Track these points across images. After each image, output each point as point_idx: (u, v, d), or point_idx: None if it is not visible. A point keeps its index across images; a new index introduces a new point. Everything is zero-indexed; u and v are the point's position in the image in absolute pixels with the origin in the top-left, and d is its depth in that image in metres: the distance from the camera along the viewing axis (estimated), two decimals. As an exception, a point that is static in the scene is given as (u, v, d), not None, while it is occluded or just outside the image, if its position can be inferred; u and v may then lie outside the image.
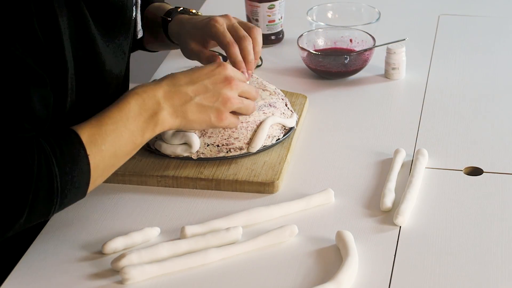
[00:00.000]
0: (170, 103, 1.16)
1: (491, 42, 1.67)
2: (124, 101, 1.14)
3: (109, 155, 1.11)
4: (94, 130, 1.10)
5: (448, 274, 1.09)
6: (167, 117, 1.15)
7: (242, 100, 1.21)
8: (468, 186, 1.25)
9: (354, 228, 1.16)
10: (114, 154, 1.12)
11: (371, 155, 1.32)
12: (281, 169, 1.26)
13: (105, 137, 1.10)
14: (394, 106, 1.47)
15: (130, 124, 1.13)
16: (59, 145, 1.07)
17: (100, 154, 1.10)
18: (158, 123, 1.15)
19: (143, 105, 1.14)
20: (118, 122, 1.12)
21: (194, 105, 1.17)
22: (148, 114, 1.14)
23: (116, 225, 1.18)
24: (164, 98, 1.15)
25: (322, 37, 1.59)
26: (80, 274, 1.10)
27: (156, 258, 1.10)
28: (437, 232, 1.16)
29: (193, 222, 1.18)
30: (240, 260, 1.11)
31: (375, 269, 1.09)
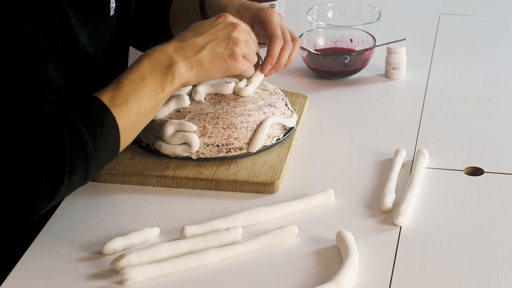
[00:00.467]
0: (183, 56, 1.18)
1: (492, 42, 1.66)
2: (137, 63, 1.16)
3: (134, 113, 1.13)
4: (115, 92, 1.13)
5: (448, 275, 1.08)
6: (183, 69, 1.17)
7: (246, 38, 1.23)
8: (469, 186, 1.25)
9: (354, 228, 1.15)
10: (138, 112, 1.14)
11: (372, 155, 1.32)
12: (281, 169, 1.26)
13: (126, 97, 1.13)
14: (395, 106, 1.47)
15: (148, 81, 1.15)
16: (85, 111, 1.10)
17: (126, 114, 1.12)
18: (175, 76, 1.17)
19: (156, 61, 1.16)
20: (136, 82, 1.14)
21: (207, 53, 1.19)
22: (162, 69, 1.16)
23: (115, 226, 1.18)
24: (175, 52, 1.17)
25: (322, 37, 1.59)
26: (79, 275, 1.10)
27: (155, 258, 1.10)
28: (438, 232, 1.16)
29: (193, 222, 1.18)
30: (240, 261, 1.11)
31: (376, 270, 1.09)
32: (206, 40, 1.20)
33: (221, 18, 1.23)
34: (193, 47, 1.19)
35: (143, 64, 1.16)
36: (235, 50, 1.21)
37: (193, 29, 1.22)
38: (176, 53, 1.18)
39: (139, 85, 1.14)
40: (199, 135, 1.27)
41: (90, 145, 1.08)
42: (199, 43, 1.19)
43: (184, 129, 1.26)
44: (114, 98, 1.12)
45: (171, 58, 1.17)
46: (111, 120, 1.11)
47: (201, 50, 1.19)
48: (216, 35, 1.21)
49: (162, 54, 1.17)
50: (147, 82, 1.15)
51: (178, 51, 1.18)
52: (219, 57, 1.20)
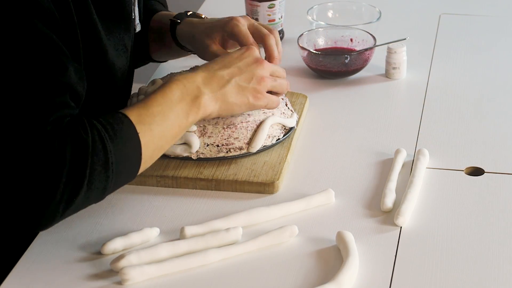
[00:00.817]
0: (210, 88, 1.18)
1: (492, 42, 1.66)
2: (167, 87, 1.17)
3: (158, 135, 1.14)
4: (141, 111, 1.13)
5: (449, 275, 1.08)
6: (208, 101, 1.18)
7: (275, 78, 1.25)
8: (469, 187, 1.25)
9: (354, 229, 1.15)
10: (163, 135, 1.14)
11: (372, 155, 1.32)
12: (281, 169, 1.26)
13: (152, 118, 1.13)
14: (395, 106, 1.47)
15: (175, 107, 1.15)
16: (109, 123, 1.10)
17: (150, 133, 1.12)
18: (200, 107, 1.17)
19: (185, 90, 1.17)
20: (163, 105, 1.14)
21: (231, 87, 1.20)
22: (190, 98, 1.17)
23: (115, 226, 1.17)
24: (203, 83, 1.18)
25: (323, 37, 1.59)
26: (79, 275, 1.09)
27: (155, 258, 1.10)
28: (438, 232, 1.15)
29: (192, 222, 1.18)
30: (240, 261, 1.11)
31: (376, 270, 1.09)
32: (232, 75, 1.21)
33: (247, 52, 1.23)
34: (219, 80, 1.20)
35: (172, 89, 1.16)
36: (257, 88, 1.22)
37: (219, 61, 1.22)
38: (204, 84, 1.18)
39: (166, 109, 1.14)
40: (198, 135, 1.26)
41: (113, 155, 1.08)
42: (225, 76, 1.20)
43: (184, 128, 1.26)
44: (140, 116, 1.12)
45: (199, 88, 1.18)
46: (135, 135, 1.11)
47: (226, 84, 1.20)
48: (241, 70, 1.21)
49: (191, 83, 1.18)
50: (174, 107, 1.15)
51: (205, 83, 1.19)
52: (242, 93, 1.21)
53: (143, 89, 1.34)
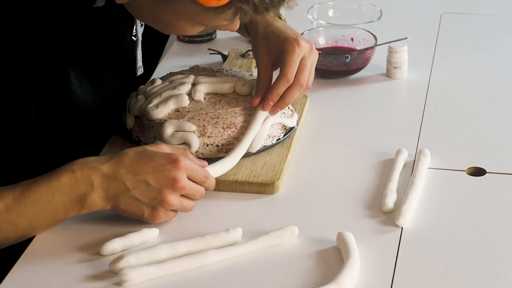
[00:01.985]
0: (104, 189, 1.11)
1: (494, 41, 1.66)
2: (56, 176, 1.10)
3: (24, 228, 1.10)
4: (11, 204, 1.08)
5: (450, 276, 1.08)
6: (98, 200, 1.11)
7: (181, 202, 1.14)
8: (471, 187, 1.24)
9: (355, 229, 1.15)
10: (30, 227, 1.10)
11: (373, 155, 1.31)
12: (281, 170, 1.25)
13: (22, 212, 1.08)
14: (396, 105, 1.46)
15: (56, 202, 1.10)
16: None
17: (12, 228, 1.09)
18: (86, 205, 1.11)
19: (75, 185, 1.10)
20: (42, 198, 1.09)
21: (128, 197, 1.12)
22: (77, 195, 1.10)
23: (114, 226, 1.17)
24: (99, 182, 1.11)
25: (323, 36, 1.58)
26: (78, 276, 1.09)
27: (154, 259, 1.10)
28: (439, 233, 1.15)
29: (192, 223, 1.17)
30: (239, 262, 1.11)
31: (377, 271, 1.09)
32: (134, 186, 1.11)
33: (170, 166, 1.11)
34: (118, 187, 1.11)
35: (61, 181, 1.09)
36: (157, 208, 1.12)
37: (136, 161, 1.12)
38: (99, 183, 1.10)
39: (43, 201, 1.09)
40: (198, 135, 1.26)
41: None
42: (126, 184, 1.11)
43: (183, 129, 1.25)
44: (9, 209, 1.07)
45: (91, 187, 1.10)
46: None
47: (124, 193, 1.11)
48: (148, 185, 1.11)
49: (85, 179, 1.10)
50: (54, 202, 1.09)
51: (101, 183, 1.10)
52: (137, 206, 1.12)
53: (142, 89, 1.33)
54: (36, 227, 1.11)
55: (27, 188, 1.09)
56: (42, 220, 1.11)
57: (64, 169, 1.11)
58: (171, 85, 1.31)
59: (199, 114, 1.27)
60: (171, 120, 1.26)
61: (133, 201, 1.12)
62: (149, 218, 1.13)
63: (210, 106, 1.29)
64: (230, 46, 1.63)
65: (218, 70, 1.38)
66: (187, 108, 1.28)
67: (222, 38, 1.69)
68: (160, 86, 1.32)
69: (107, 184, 1.11)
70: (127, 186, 1.11)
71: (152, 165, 1.12)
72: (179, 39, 1.69)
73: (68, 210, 1.11)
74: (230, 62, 1.56)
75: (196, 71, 1.38)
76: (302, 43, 1.26)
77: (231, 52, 1.58)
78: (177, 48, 1.66)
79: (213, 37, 1.68)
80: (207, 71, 1.38)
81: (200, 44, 1.67)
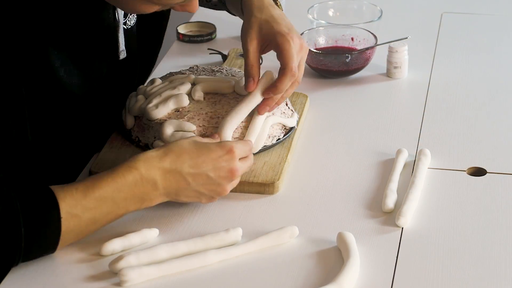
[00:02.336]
0: (166, 186, 1.13)
1: (494, 40, 1.66)
2: (121, 173, 1.11)
3: (86, 222, 1.10)
4: (77, 196, 1.08)
5: (450, 276, 1.07)
6: (158, 196, 1.13)
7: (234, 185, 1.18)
8: (471, 187, 1.24)
9: (355, 230, 1.15)
10: (92, 222, 1.10)
11: (373, 155, 1.31)
12: (282, 170, 1.25)
13: (86, 206, 1.09)
14: (396, 105, 1.46)
15: (119, 199, 1.11)
16: (31, 203, 1.06)
17: (76, 220, 1.08)
18: (146, 201, 1.13)
19: (139, 183, 1.11)
20: (106, 193, 1.10)
21: (189, 190, 1.14)
22: (140, 193, 1.12)
23: (114, 227, 1.17)
24: (162, 179, 1.12)
25: (323, 36, 1.58)
26: (77, 276, 1.09)
27: (154, 259, 1.09)
28: (440, 233, 1.15)
29: (191, 223, 1.17)
30: (239, 262, 1.10)
31: (377, 271, 1.08)
32: (196, 180, 1.13)
33: (227, 156, 1.15)
34: (181, 182, 1.13)
35: (126, 179, 1.10)
36: (215, 197, 1.16)
37: (195, 155, 1.14)
38: (162, 181, 1.12)
39: (107, 197, 1.10)
40: (198, 135, 1.25)
41: (23, 239, 1.04)
42: (188, 179, 1.13)
43: (183, 128, 1.25)
44: (73, 200, 1.08)
45: (154, 186, 1.12)
46: (55, 222, 1.07)
47: (186, 187, 1.14)
48: (208, 178, 1.14)
49: (149, 178, 1.11)
50: (117, 198, 1.10)
51: (164, 180, 1.12)
52: (197, 197, 1.15)
53: (142, 88, 1.33)
54: (97, 222, 1.11)
55: (91, 184, 1.10)
56: (104, 216, 1.11)
57: (128, 166, 1.12)
58: (171, 85, 1.31)
59: (199, 114, 1.27)
60: (171, 120, 1.26)
61: (193, 193, 1.15)
62: (206, 202, 1.18)
63: (210, 106, 1.28)
64: (230, 46, 1.63)
65: (218, 70, 1.38)
66: (187, 108, 1.28)
67: (222, 38, 1.68)
68: (160, 86, 1.32)
69: (169, 182, 1.13)
70: (188, 181, 1.14)
71: (211, 157, 1.14)
72: (179, 39, 1.69)
73: (128, 206, 1.12)
74: (230, 62, 1.55)
75: (196, 71, 1.38)
76: (295, 39, 1.26)
77: (231, 52, 1.58)
78: (177, 48, 1.66)
79: (213, 37, 1.68)
80: (207, 71, 1.37)
81: (200, 44, 1.67)
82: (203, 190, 1.15)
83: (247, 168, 1.19)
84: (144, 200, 1.13)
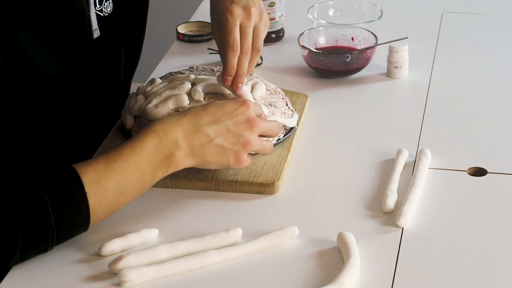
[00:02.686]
0: (189, 144, 1.13)
1: (495, 40, 1.65)
2: (139, 138, 1.11)
3: (114, 193, 1.09)
4: (99, 167, 1.08)
5: (451, 277, 1.07)
6: (183, 157, 1.13)
7: (261, 141, 1.18)
8: (472, 187, 1.24)
9: (355, 230, 1.14)
10: (120, 193, 1.10)
11: (373, 155, 1.31)
12: (282, 170, 1.25)
13: (110, 176, 1.08)
14: (397, 105, 1.46)
15: (142, 164, 1.10)
16: (54, 182, 1.06)
17: (102, 192, 1.08)
18: (172, 163, 1.12)
19: (159, 145, 1.11)
20: (128, 160, 1.10)
21: (213, 146, 1.14)
22: (162, 155, 1.12)
23: (113, 227, 1.17)
24: (183, 138, 1.13)
25: (323, 35, 1.58)
26: (77, 277, 1.09)
27: (154, 260, 1.09)
28: (440, 233, 1.14)
29: (192, 223, 1.17)
30: (239, 262, 1.10)
31: (377, 271, 1.08)
32: (217, 133, 1.14)
33: (241, 109, 1.16)
34: (203, 137, 1.13)
35: (145, 143, 1.10)
36: (241, 151, 1.15)
37: (211, 112, 1.15)
38: (184, 138, 1.12)
39: (130, 164, 1.09)
40: (198, 135, 1.25)
41: (52, 218, 1.04)
42: (209, 134, 1.14)
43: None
44: (96, 173, 1.08)
45: (176, 144, 1.12)
46: (80, 196, 1.06)
47: (209, 142, 1.14)
48: (229, 130, 1.14)
49: (169, 138, 1.11)
50: (141, 164, 1.10)
51: (186, 138, 1.13)
52: (223, 154, 1.15)
53: (142, 88, 1.33)
54: (126, 192, 1.10)
55: (112, 153, 1.10)
56: (131, 184, 1.10)
57: (146, 131, 1.12)
58: (171, 85, 1.31)
59: (198, 114, 1.26)
60: (171, 120, 1.25)
61: (218, 149, 1.14)
62: (234, 164, 1.16)
63: (210, 106, 1.28)
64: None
65: (218, 70, 1.37)
66: (186, 108, 1.28)
67: (222, 37, 1.68)
68: (160, 86, 1.32)
69: (191, 138, 1.13)
70: (210, 136, 1.14)
71: (226, 111, 1.15)
72: (179, 39, 1.68)
73: (155, 171, 1.11)
74: (230, 61, 1.55)
75: (195, 71, 1.37)
76: (235, 10, 1.25)
77: (231, 52, 1.58)
78: (177, 47, 1.66)
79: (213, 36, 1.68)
80: (206, 71, 1.37)
81: (200, 43, 1.66)
82: (226, 144, 1.14)
83: (268, 125, 1.19)
84: (170, 162, 1.12)
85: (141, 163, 1.10)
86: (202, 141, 1.14)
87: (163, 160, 1.12)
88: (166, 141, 1.12)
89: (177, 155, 1.12)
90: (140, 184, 1.11)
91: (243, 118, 1.16)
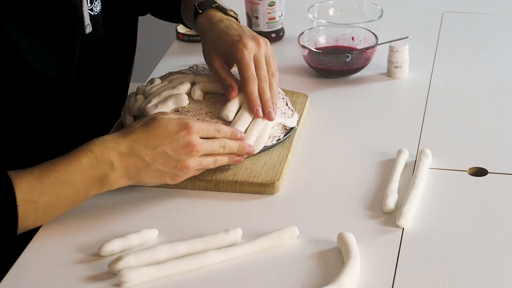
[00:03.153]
0: (124, 167, 1.13)
1: (495, 40, 1.65)
2: (76, 156, 1.11)
3: (44, 207, 1.10)
4: (32, 182, 1.09)
5: (451, 277, 1.07)
6: (118, 179, 1.13)
7: (200, 163, 1.17)
8: (473, 187, 1.23)
9: (356, 230, 1.14)
10: (50, 206, 1.10)
11: (374, 155, 1.31)
12: (282, 170, 1.25)
13: (42, 191, 1.09)
14: (397, 105, 1.46)
15: (77, 182, 1.11)
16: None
17: (33, 206, 1.09)
18: (106, 184, 1.13)
19: (95, 165, 1.11)
20: (62, 177, 1.10)
21: (150, 171, 1.14)
22: (97, 175, 1.12)
23: (113, 227, 1.16)
24: (119, 161, 1.12)
25: (324, 35, 1.58)
26: (76, 277, 1.08)
27: (154, 260, 1.09)
28: (441, 233, 1.14)
29: (191, 223, 1.17)
30: (239, 263, 1.10)
31: (378, 272, 1.08)
32: (154, 159, 1.13)
33: (183, 132, 1.14)
34: (139, 162, 1.13)
35: (81, 162, 1.10)
36: (178, 174, 1.16)
37: (151, 136, 1.14)
38: (119, 162, 1.12)
39: (64, 181, 1.10)
40: (198, 135, 1.25)
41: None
42: (146, 160, 1.13)
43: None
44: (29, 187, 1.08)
45: (112, 166, 1.12)
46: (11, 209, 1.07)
47: (145, 168, 1.13)
48: (167, 155, 1.14)
49: (105, 159, 1.11)
50: (75, 181, 1.10)
51: (121, 161, 1.12)
52: (160, 176, 1.15)
53: (141, 88, 1.33)
54: (57, 207, 1.11)
55: (46, 168, 1.10)
56: (63, 200, 1.11)
57: (83, 149, 1.12)
58: (170, 85, 1.31)
59: (198, 113, 1.26)
60: (171, 120, 1.25)
61: (155, 173, 1.15)
62: (170, 182, 1.17)
63: (210, 105, 1.28)
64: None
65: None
66: (186, 108, 1.27)
67: (222, 37, 1.68)
68: (159, 85, 1.32)
69: (127, 163, 1.13)
70: (146, 161, 1.14)
71: (166, 134, 1.14)
72: (178, 39, 1.68)
73: (88, 189, 1.12)
74: (230, 61, 1.55)
75: (195, 71, 1.37)
76: (248, 43, 1.26)
77: (231, 52, 1.58)
78: (177, 47, 1.66)
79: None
80: (206, 70, 1.37)
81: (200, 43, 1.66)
82: (163, 168, 1.14)
83: (210, 147, 1.17)
84: (104, 182, 1.12)
85: (74, 181, 1.10)
86: (138, 166, 1.13)
87: (98, 180, 1.12)
88: (102, 161, 1.12)
89: (112, 177, 1.12)
90: (72, 201, 1.12)
91: (183, 142, 1.15)
